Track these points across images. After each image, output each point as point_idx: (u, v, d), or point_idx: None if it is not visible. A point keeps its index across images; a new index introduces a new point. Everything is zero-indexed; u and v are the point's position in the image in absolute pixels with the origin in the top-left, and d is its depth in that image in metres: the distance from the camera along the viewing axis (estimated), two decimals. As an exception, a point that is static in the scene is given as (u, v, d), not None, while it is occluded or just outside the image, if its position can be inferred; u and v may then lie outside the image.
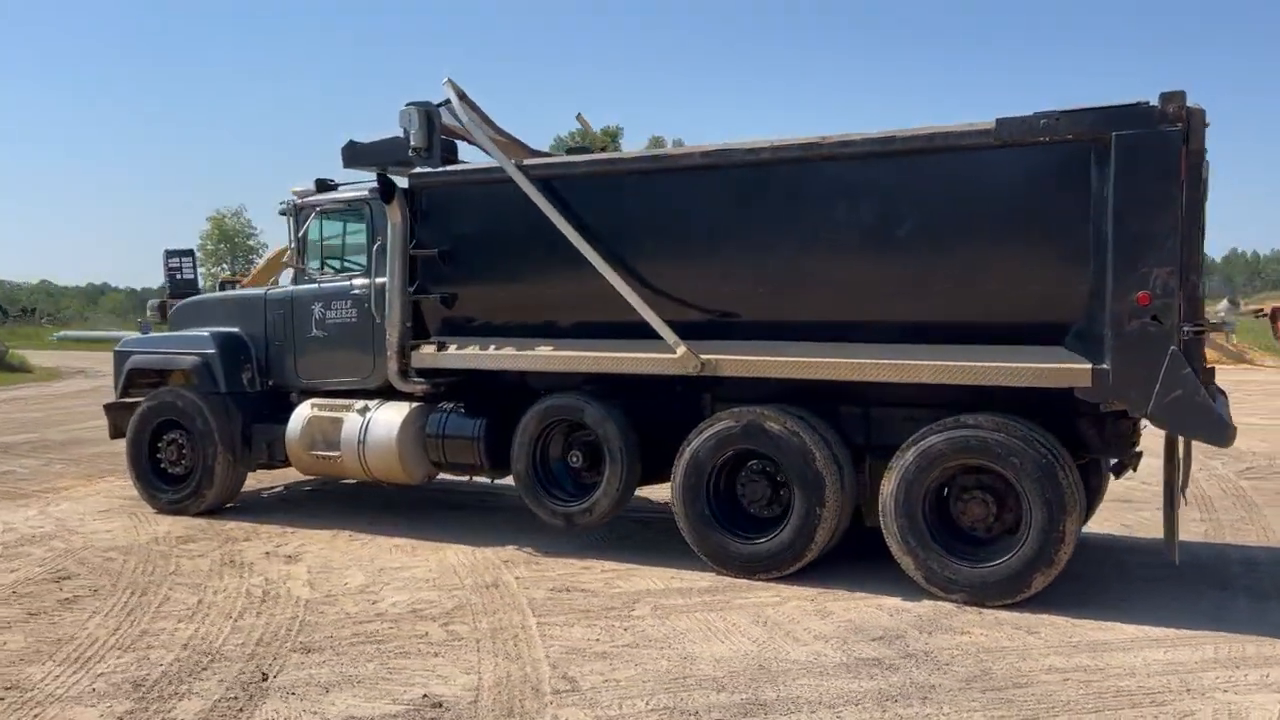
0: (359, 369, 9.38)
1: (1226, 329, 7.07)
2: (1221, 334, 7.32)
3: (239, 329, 10.05)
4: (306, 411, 9.47)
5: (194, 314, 10.60)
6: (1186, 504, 8.11)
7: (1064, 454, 6.82)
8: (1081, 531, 7.17)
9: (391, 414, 9.07)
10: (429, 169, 8.77)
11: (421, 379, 9.02)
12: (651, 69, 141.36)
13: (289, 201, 9.77)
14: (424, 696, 5.30)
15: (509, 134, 9.14)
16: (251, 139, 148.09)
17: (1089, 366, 6.52)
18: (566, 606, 6.90)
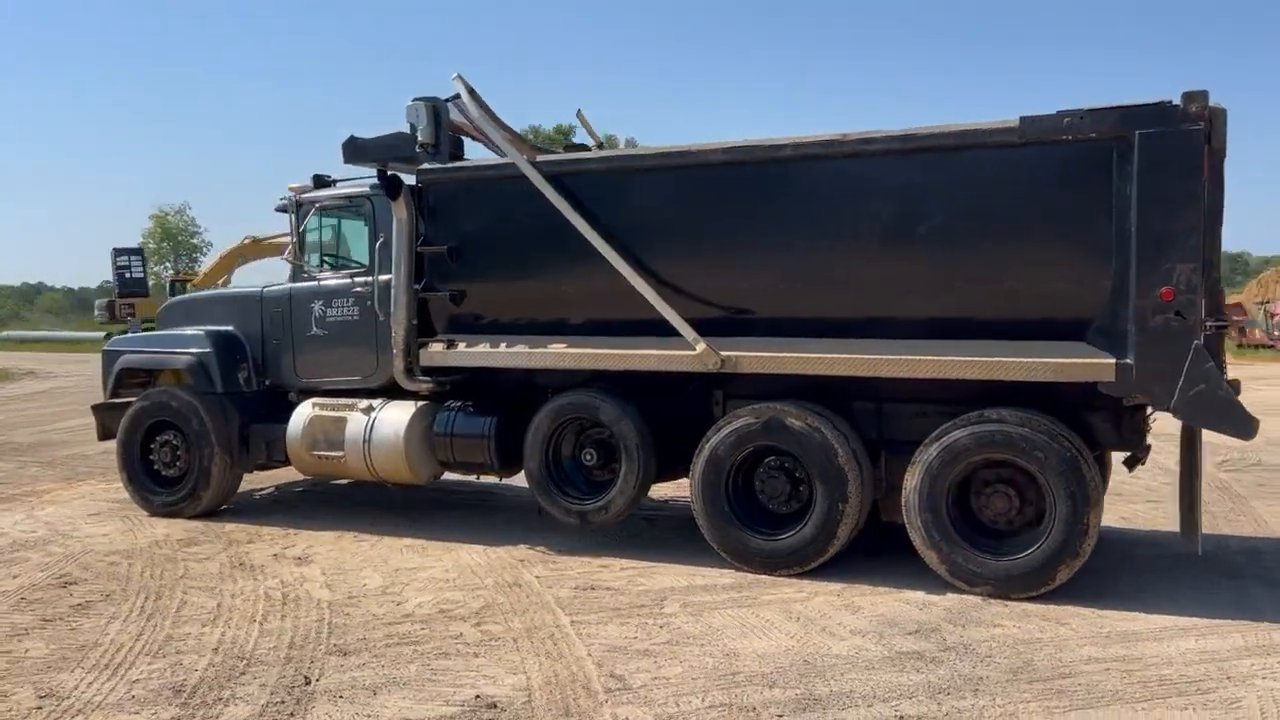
0: (361, 367, 9.26)
1: (1249, 326, 7.19)
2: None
3: (233, 327, 9.87)
4: (308, 411, 9.32)
5: (185, 312, 10.40)
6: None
7: (1084, 448, 6.93)
8: (1099, 524, 7.28)
9: (397, 413, 8.95)
10: (437, 165, 8.68)
11: (427, 377, 8.93)
12: (604, 68, 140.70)
13: (288, 198, 9.61)
14: (476, 697, 5.25)
15: (513, 130, 9.07)
16: (200, 134, 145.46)
17: (1112, 361, 6.61)
18: (595, 605, 6.86)
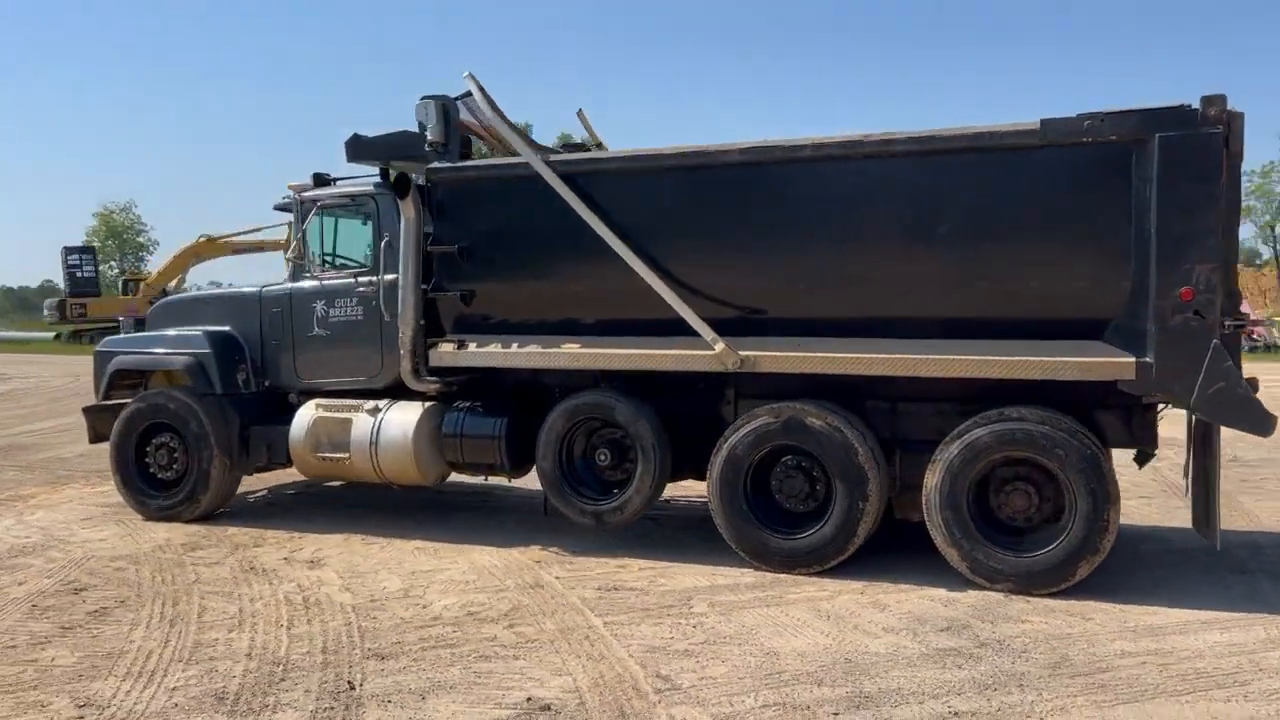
0: (366, 368, 9.15)
1: (1270, 324, 7.34)
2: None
3: (230, 327, 9.70)
4: (311, 412, 9.20)
5: (178, 313, 10.21)
6: (1187, 492, 8.42)
7: (1101, 445, 7.05)
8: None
9: (405, 414, 8.87)
10: (447, 163, 8.61)
11: (435, 378, 8.86)
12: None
13: (289, 197, 9.48)
14: (528, 700, 5.22)
15: (521, 130, 9.02)
16: (146, 129, 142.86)
17: (1133, 360, 6.73)
18: (623, 605, 6.85)
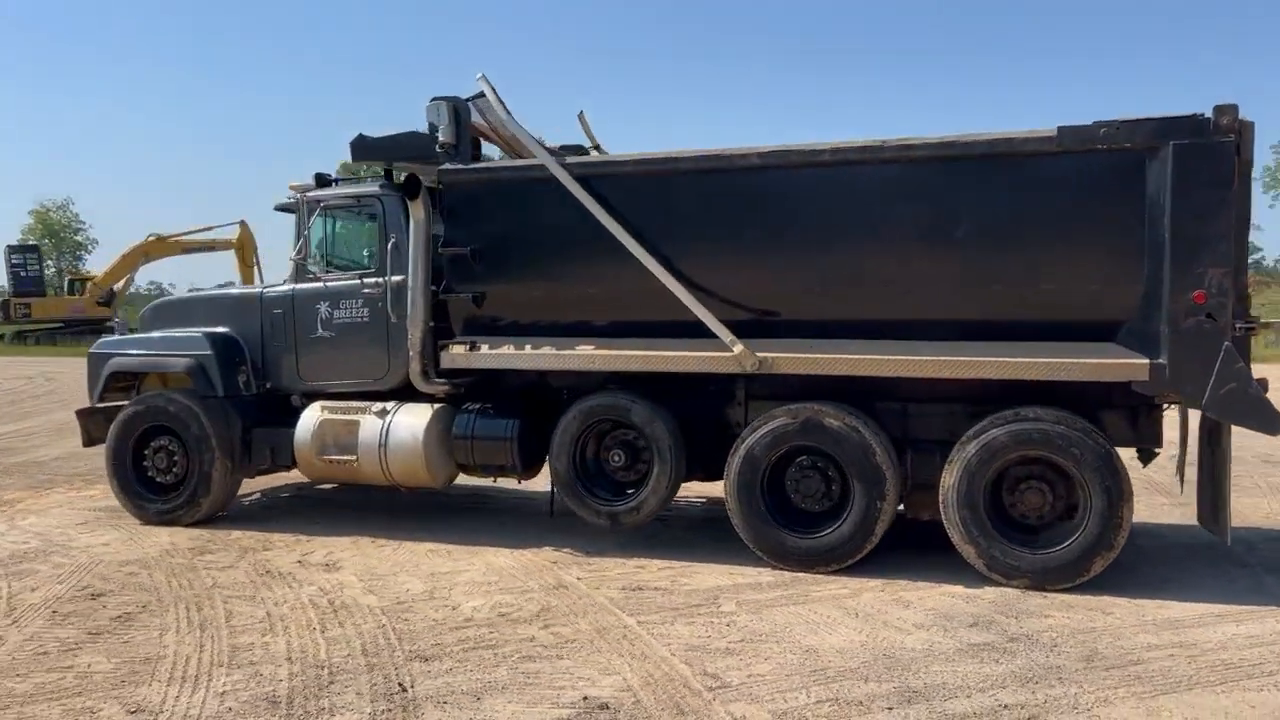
0: (372, 370, 9.11)
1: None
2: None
3: (230, 329, 9.60)
4: (317, 414, 9.13)
5: (174, 314, 10.07)
6: (1182, 491, 8.67)
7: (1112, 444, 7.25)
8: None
9: (414, 416, 8.84)
10: (459, 165, 8.59)
11: (443, 379, 8.84)
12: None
13: (292, 197, 9.40)
14: (584, 699, 5.25)
15: (529, 132, 9.02)
16: (85, 125, 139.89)
17: (1146, 361, 6.92)
18: (652, 605, 6.90)
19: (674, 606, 6.87)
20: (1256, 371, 6.97)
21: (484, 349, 8.57)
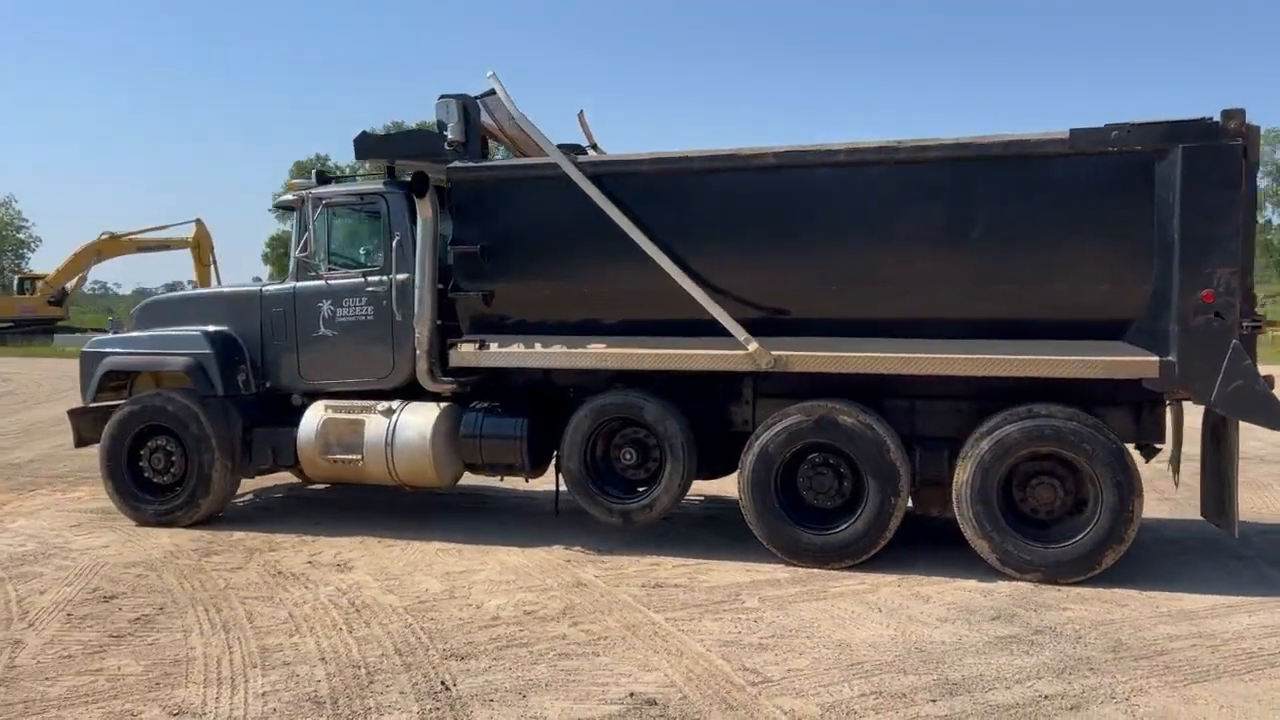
0: (376, 369, 9.04)
1: None
2: None
3: (227, 327, 9.47)
4: (320, 414, 9.04)
5: (167, 312, 9.92)
6: (1178, 485, 8.87)
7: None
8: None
9: (421, 415, 8.78)
10: (468, 163, 8.56)
11: (450, 378, 8.80)
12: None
13: (295, 194, 9.30)
14: (631, 695, 5.26)
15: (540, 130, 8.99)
16: (22, 120, 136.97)
17: (1156, 359, 7.08)
18: (675, 602, 6.93)
19: (698, 603, 6.90)
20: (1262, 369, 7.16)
21: (493, 347, 8.54)
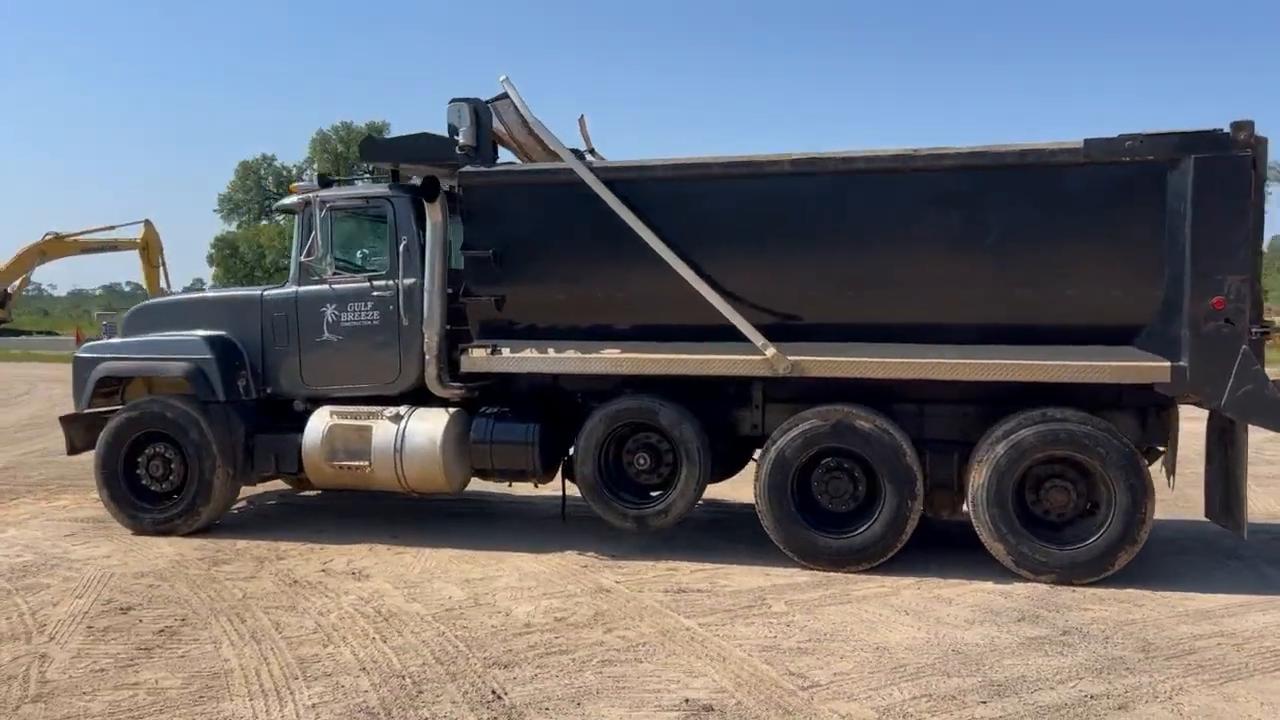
0: (382, 374, 8.95)
1: None
2: None
3: (226, 332, 9.32)
4: (326, 420, 8.93)
5: (162, 316, 9.73)
6: (1173, 488, 9.07)
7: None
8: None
9: (430, 420, 8.72)
10: (480, 168, 8.51)
11: (459, 383, 8.75)
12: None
13: (299, 198, 9.18)
14: (686, 701, 5.28)
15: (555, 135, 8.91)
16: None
17: (1168, 364, 7.25)
18: (703, 607, 6.95)
19: (725, 608, 6.93)
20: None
21: (505, 352, 8.50)
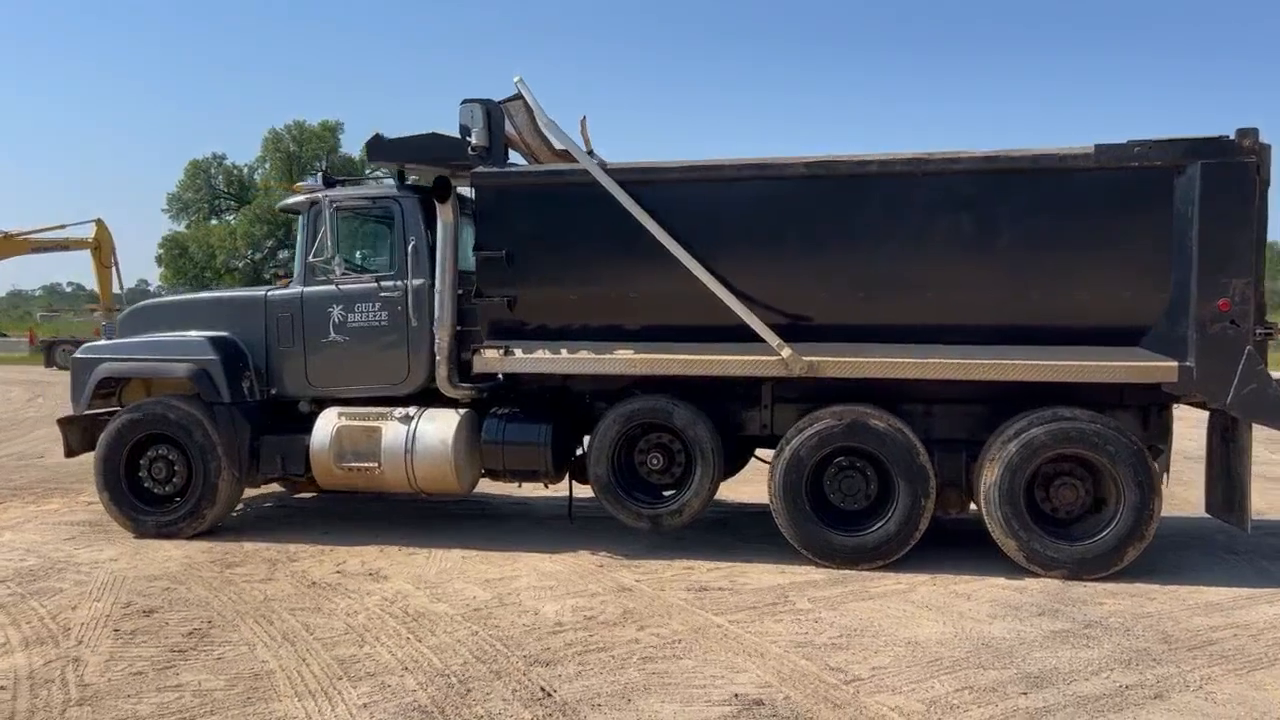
0: (391, 375, 8.92)
1: None
2: None
3: (229, 332, 9.23)
4: (334, 421, 8.88)
5: (162, 317, 9.61)
6: (1166, 485, 9.30)
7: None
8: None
9: (441, 421, 8.70)
10: (493, 169, 8.52)
11: (469, 384, 8.74)
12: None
13: (305, 198, 9.12)
14: (735, 696, 5.34)
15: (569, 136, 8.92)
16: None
17: (1175, 364, 7.45)
18: (728, 604, 7.02)
19: (750, 605, 7.01)
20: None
21: (518, 353, 8.51)
